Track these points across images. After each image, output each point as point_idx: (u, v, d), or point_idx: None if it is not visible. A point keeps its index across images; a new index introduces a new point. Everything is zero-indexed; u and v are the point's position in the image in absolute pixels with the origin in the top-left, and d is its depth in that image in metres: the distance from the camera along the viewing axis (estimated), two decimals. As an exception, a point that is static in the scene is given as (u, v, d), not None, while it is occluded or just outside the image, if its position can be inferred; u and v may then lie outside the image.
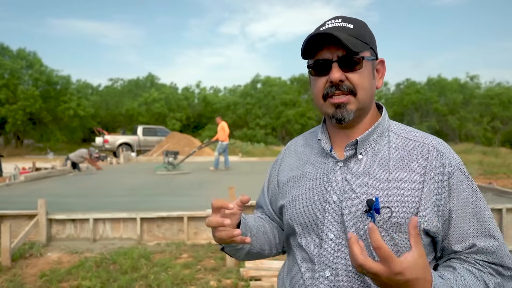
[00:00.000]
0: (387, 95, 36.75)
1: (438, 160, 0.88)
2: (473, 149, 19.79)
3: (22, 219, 4.90)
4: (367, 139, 0.92)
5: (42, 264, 4.09)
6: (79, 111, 28.00)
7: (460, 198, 0.86)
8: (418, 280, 0.72)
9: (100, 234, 4.89)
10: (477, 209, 0.87)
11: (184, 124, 33.83)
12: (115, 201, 6.03)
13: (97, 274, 3.73)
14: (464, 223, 0.86)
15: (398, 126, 0.97)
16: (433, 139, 0.92)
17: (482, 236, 0.86)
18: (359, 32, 0.90)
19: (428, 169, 0.87)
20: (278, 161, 1.12)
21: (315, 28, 0.94)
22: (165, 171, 10.87)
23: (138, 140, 20.25)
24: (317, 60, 0.90)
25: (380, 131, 0.94)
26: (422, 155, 0.89)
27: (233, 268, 3.89)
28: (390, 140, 0.93)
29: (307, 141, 1.06)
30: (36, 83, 26.58)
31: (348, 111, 0.89)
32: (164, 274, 3.74)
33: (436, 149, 0.89)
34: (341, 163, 0.93)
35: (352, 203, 0.88)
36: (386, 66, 0.98)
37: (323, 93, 0.91)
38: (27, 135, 30.16)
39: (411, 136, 0.93)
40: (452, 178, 0.86)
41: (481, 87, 33.39)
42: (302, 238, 0.96)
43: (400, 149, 0.91)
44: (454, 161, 0.88)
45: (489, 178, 11.07)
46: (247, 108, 32.18)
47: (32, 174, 9.25)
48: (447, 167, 0.87)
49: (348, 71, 0.88)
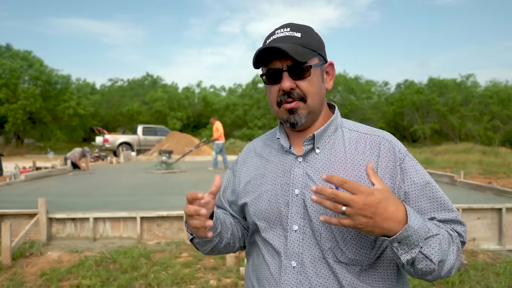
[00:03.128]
0: (387, 94, 36.75)
1: (389, 149, 0.96)
2: (473, 149, 19.80)
3: (22, 218, 4.91)
4: (322, 134, 0.99)
5: (42, 263, 4.10)
6: (79, 110, 28.03)
7: (413, 179, 0.94)
8: (389, 199, 0.80)
9: (100, 233, 4.90)
10: (430, 188, 0.94)
11: (184, 123, 33.86)
12: (115, 200, 6.03)
13: (97, 273, 3.73)
14: (421, 202, 0.93)
15: (349, 122, 1.05)
16: (382, 132, 1.02)
17: (440, 211, 0.94)
18: (306, 40, 0.96)
19: (381, 157, 0.95)
20: (239, 162, 1.17)
21: (267, 35, 1.01)
22: (161, 169, 10.85)
23: (138, 139, 20.26)
24: (269, 70, 0.97)
25: (334, 127, 1.02)
26: (374, 145, 0.97)
27: (233, 267, 3.90)
28: (344, 134, 1.01)
29: (266, 142, 1.13)
30: (36, 83, 26.59)
31: (300, 116, 0.97)
32: (164, 273, 3.75)
33: (386, 139, 0.98)
34: (300, 158, 0.99)
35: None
36: (335, 68, 1.06)
37: (277, 101, 0.98)
38: (27, 134, 30.19)
39: (362, 130, 1.02)
40: (403, 163, 0.95)
41: (480, 86, 33.42)
42: (267, 233, 1.01)
43: (353, 141, 0.99)
44: (402, 149, 0.98)
45: (488, 177, 11.07)
46: (245, 109, 32.23)
47: (32, 173, 9.26)
48: (398, 154, 0.96)
49: (297, 79, 0.95)
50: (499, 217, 4.76)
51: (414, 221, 0.80)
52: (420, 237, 0.81)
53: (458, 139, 28.89)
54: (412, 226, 0.79)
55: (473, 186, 6.78)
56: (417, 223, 0.80)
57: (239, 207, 1.11)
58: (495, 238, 4.76)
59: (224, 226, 1.05)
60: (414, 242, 0.80)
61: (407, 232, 0.79)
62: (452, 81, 32.95)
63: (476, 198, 5.61)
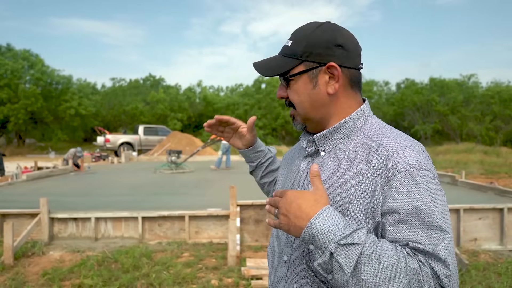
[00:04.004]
0: (388, 94, 36.72)
1: (382, 161, 0.83)
2: (474, 149, 19.77)
3: (24, 218, 4.92)
4: (328, 137, 0.96)
5: (44, 262, 4.11)
6: (80, 110, 28.06)
7: (400, 201, 0.79)
8: (306, 201, 0.78)
9: (101, 233, 4.91)
10: (420, 214, 0.77)
11: (185, 124, 33.87)
12: (116, 200, 6.04)
13: (99, 273, 3.74)
14: (402, 227, 0.78)
15: (372, 126, 0.95)
16: (392, 141, 0.87)
17: (422, 243, 0.76)
18: (292, 48, 0.95)
19: (369, 169, 0.85)
20: (285, 156, 1.25)
21: None
22: (168, 170, 10.90)
23: (139, 139, 20.28)
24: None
25: (346, 130, 0.95)
26: (371, 155, 0.87)
27: (234, 267, 3.90)
28: (356, 139, 0.93)
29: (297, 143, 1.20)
30: (38, 83, 26.63)
31: (298, 122, 1.01)
32: (166, 273, 3.76)
33: (385, 149, 0.85)
34: (309, 158, 1.00)
35: None
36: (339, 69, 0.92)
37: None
38: (29, 134, 30.24)
39: (374, 137, 0.91)
40: (393, 180, 0.80)
41: (481, 86, 33.35)
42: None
43: (358, 148, 0.91)
44: (402, 163, 0.81)
45: (490, 177, 11.06)
46: (246, 109, 32.22)
47: (34, 173, 9.27)
48: (390, 169, 0.81)
49: (288, 88, 0.98)
50: (500, 217, 4.76)
51: (322, 221, 0.74)
52: (329, 239, 0.73)
53: (459, 139, 28.86)
54: (315, 225, 0.74)
55: (474, 186, 6.77)
56: (326, 223, 0.74)
57: None
58: (497, 238, 4.76)
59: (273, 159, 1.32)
60: (322, 244, 0.74)
61: (311, 231, 0.74)
62: (453, 81, 32.89)
63: (477, 198, 5.61)
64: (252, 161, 1.30)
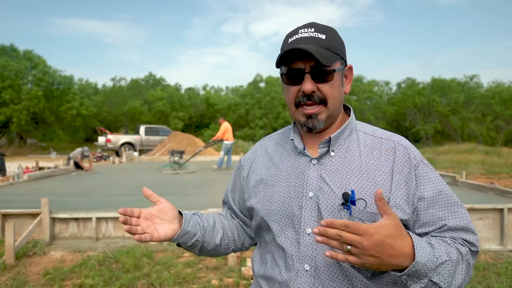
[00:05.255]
0: (389, 94, 36.68)
1: (404, 154, 0.96)
2: (475, 149, 19.74)
3: (25, 218, 4.94)
4: (338, 137, 0.99)
5: (45, 262, 4.13)
6: (82, 110, 28.12)
7: (426, 187, 0.94)
8: (395, 236, 0.78)
9: (102, 233, 4.92)
10: (443, 196, 0.95)
11: (187, 123, 33.91)
12: (117, 200, 6.06)
13: (100, 273, 3.76)
14: (433, 209, 0.94)
15: (364, 126, 1.05)
16: (397, 137, 1.01)
17: (451, 219, 0.94)
18: (330, 43, 0.94)
19: (396, 163, 0.95)
20: (249, 160, 1.15)
21: (288, 33, 0.99)
22: (171, 170, 10.91)
23: (141, 139, 20.30)
24: (291, 70, 0.95)
25: (349, 130, 1.01)
26: (389, 150, 0.97)
27: (235, 267, 3.91)
28: (359, 138, 1.00)
29: (278, 142, 1.11)
30: (39, 83, 26.68)
31: (319, 121, 0.96)
32: (166, 273, 3.77)
33: (401, 145, 0.98)
34: (314, 160, 0.98)
35: (328, 198, 0.93)
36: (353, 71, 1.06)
37: (295, 101, 0.97)
38: (30, 135, 30.31)
39: (377, 134, 1.01)
40: (417, 169, 0.95)
41: (483, 86, 33.30)
42: (278, 235, 0.99)
43: (369, 145, 0.99)
44: (417, 155, 0.97)
45: (491, 178, 11.04)
46: (247, 109, 32.23)
47: (35, 173, 9.30)
48: (413, 160, 0.95)
49: (319, 82, 0.93)
50: (500, 217, 4.76)
51: (422, 255, 0.80)
52: (429, 269, 0.81)
53: (460, 139, 28.83)
54: (420, 261, 0.79)
55: (475, 186, 6.77)
56: (425, 256, 0.80)
57: (247, 206, 1.10)
58: (497, 238, 4.76)
59: (208, 230, 1.05)
60: (423, 273, 0.81)
61: (415, 268, 0.79)
62: (454, 82, 32.85)
63: (478, 199, 5.61)
64: (189, 243, 1.02)
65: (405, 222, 0.92)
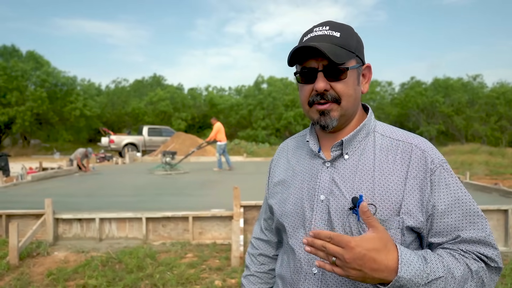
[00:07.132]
0: (393, 94, 36.59)
1: (421, 158, 0.91)
2: (479, 149, 19.65)
3: (29, 218, 4.96)
4: (352, 139, 0.96)
5: (49, 263, 4.14)
6: (85, 111, 28.23)
7: (443, 193, 0.88)
8: (378, 252, 0.76)
9: (106, 234, 4.93)
10: (461, 204, 0.89)
11: (189, 124, 33.95)
12: (120, 201, 6.07)
13: (103, 273, 3.76)
14: (447, 218, 0.88)
15: (383, 127, 1.00)
16: (417, 139, 0.95)
17: (467, 230, 0.88)
18: (345, 40, 0.92)
19: (411, 167, 0.90)
20: (273, 161, 1.17)
21: (304, 32, 0.98)
22: (163, 171, 10.91)
23: (144, 140, 20.35)
24: (304, 68, 0.94)
25: (365, 131, 0.98)
26: (405, 154, 0.92)
27: (238, 268, 3.91)
28: (375, 140, 0.97)
29: (298, 143, 1.11)
30: (43, 84, 26.80)
31: (332, 118, 0.94)
32: (169, 274, 3.77)
33: (418, 148, 0.92)
34: (328, 163, 0.97)
35: (338, 202, 0.92)
36: (372, 70, 1.02)
37: (308, 100, 0.95)
38: (34, 135, 30.45)
39: (395, 136, 0.96)
40: (434, 175, 0.89)
41: (487, 86, 33.16)
42: (290, 236, 1.00)
43: (385, 148, 0.95)
44: (436, 159, 0.91)
45: (495, 178, 10.99)
46: (249, 110, 32.23)
47: (39, 174, 9.34)
48: (430, 165, 0.90)
49: (333, 80, 0.91)
50: (505, 218, 4.73)
51: (408, 270, 0.77)
52: (417, 284, 0.77)
53: (464, 140, 28.72)
54: (404, 277, 0.76)
55: (479, 187, 6.74)
56: (411, 271, 0.77)
57: (269, 206, 1.12)
58: (501, 239, 4.73)
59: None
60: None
61: (399, 283, 0.76)
62: (457, 82, 32.72)
63: (482, 199, 5.57)
64: None
65: (418, 230, 0.89)
